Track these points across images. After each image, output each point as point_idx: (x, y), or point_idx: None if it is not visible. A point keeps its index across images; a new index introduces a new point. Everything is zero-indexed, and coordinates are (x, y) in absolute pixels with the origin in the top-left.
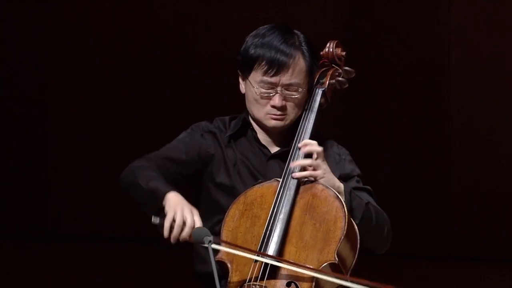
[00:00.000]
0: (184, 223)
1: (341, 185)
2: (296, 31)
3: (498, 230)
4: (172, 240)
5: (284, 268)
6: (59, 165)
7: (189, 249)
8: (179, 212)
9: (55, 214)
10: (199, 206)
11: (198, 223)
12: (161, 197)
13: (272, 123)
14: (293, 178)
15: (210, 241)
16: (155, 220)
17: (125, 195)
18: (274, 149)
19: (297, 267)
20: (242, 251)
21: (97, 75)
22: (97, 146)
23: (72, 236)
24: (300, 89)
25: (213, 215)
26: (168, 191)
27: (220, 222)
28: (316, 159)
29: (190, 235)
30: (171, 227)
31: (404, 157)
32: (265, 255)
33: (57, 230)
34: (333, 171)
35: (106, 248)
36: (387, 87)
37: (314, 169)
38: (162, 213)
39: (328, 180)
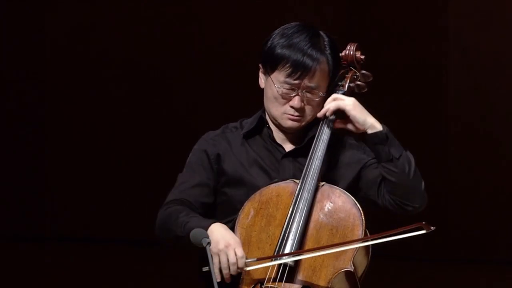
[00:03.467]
0: (229, 263)
1: (377, 122)
2: (322, 33)
3: (497, 232)
4: (226, 280)
5: (301, 273)
6: (57, 167)
7: (191, 250)
8: (222, 255)
9: (53, 216)
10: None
11: (240, 255)
12: (205, 232)
13: (288, 123)
14: (319, 116)
15: (208, 243)
16: (205, 269)
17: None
18: (288, 147)
19: (317, 252)
20: (262, 263)
21: (95, 77)
22: (96, 148)
23: (70, 238)
24: (320, 93)
25: (225, 213)
26: (208, 225)
27: (232, 220)
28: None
29: (240, 268)
30: (220, 269)
31: None
32: (282, 255)
33: (55, 232)
34: (356, 154)
35: (105, 250)
36: (385, 88)
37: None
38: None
39: (361, 111)
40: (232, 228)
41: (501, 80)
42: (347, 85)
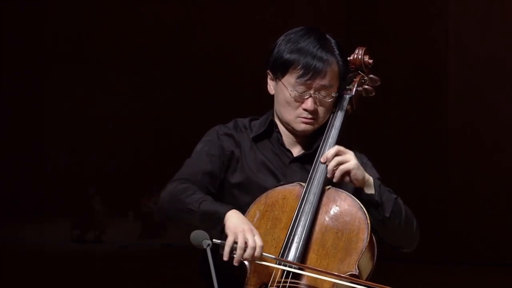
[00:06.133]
0: (246, 245)
1: (370, 178)
2: (328, 36)
3: (495, 234)
4: (235, 262)
5: (305, 275)
6: (57, 170)
7: (195, 251)
8: (240, 235)
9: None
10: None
11: (259, 243)
12: (222, 218)
13: (302, 126)
14: (322, 165)
15: (208, 245)
16: (216, 241)
17: (173, 222)
18: (296, 152)
19: (319, 274)
20: (264, 261)
21: (95, 81)
22: (95, 151)
23: (69, 240)
24: (332, 93)
25: None
26: (226, 210)
27: None
28: (339, 154)
29: (253, 256)
30: (232, 249)
31: (401, 161)
32: (287, 261)
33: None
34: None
35: (103, 252)
36: (384, 92)
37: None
38: (223, 233)
39: (360, 167)
40: None
41: (499, 82)
42: (354, 89)
